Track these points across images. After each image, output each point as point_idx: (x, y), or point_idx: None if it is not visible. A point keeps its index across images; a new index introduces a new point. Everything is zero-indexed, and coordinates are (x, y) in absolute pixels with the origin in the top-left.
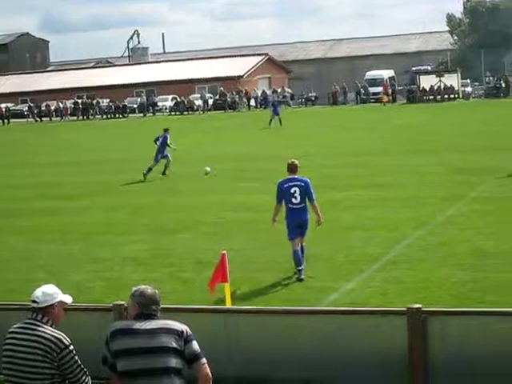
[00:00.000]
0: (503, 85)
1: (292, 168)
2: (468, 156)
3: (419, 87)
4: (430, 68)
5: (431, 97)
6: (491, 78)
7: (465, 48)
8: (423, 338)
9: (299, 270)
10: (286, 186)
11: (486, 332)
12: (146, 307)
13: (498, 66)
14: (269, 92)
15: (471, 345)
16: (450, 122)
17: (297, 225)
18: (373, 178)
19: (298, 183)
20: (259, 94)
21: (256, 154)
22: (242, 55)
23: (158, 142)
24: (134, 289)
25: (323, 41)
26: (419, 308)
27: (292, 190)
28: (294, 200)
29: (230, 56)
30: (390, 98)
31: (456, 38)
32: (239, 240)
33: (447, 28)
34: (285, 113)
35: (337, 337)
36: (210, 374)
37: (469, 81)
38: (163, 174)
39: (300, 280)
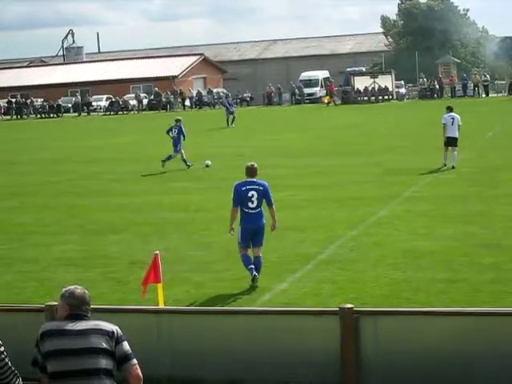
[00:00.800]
0: (437, 86)
1: (251, 171)
2: (401, 156)
3: (354, 88)
4: (364, 69)
5: (366, 98)
6: (425, 80)
7: (399, 49)
8: (355, 337)
9: (251, 268)
10: (243, 189)
11: (418, 331)
12: (77, 308)
13: (431, 67)
14: (204, 92)
15: (403, 344)
16: (384, 123)
17: (252, 231)
18: (307, 179)
19: (257, 187)
20: (194, 94)
21: (190, 154)
22: (177, 55)
23: (171, 133)
24: (64, 289)
25: (258, 41)
26: (351, 308)
27: (249, 194)
28: (250, 204)
29: (165, 56)
30: (334, 98)
31: (390, 39)
32: (173, 240)
33: (382, 29)
34: (220, 113)
35: (270, 337)
36: (140, 374)
37: (403, 82)
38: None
39: (254, 279)
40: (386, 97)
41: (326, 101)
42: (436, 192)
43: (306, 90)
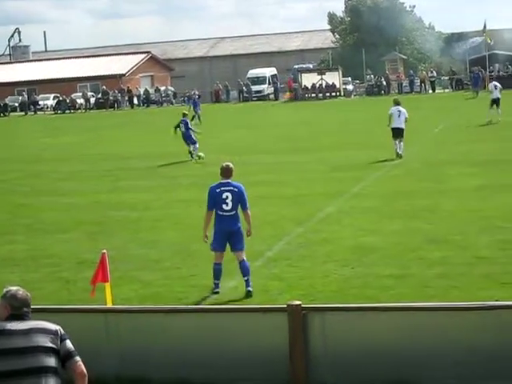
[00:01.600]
0: (384, 83)
1: (225, 172)
2: (349, 153)
3: (301, 85)
4: (311, 66)
5: (313, 95)
6: (372, 76)
7: (346, 46)
8: (304, 334)
9: (216, 284)
10: (217, 190)
11: (366, 327)
12: (18, 309)
13: (378, 64)
14: (151, 90)
15: (351, 340)
16: (331, 120)
17: (225, 234)
18: (254, 176)
19: (231, 188)
20: (142, 93)
21: (138, 152)
22: (124, 53)
23: (179, 129)
24: (5, 290)
25: (206, 39)
26: (299, 305)
27: (224, 196)
28: (224, 206)
29: (112, 54)
30: (293, 94)
31: (337, 36)
32: (121, 239)
33: (329, 26)
34: (167, 111)
35: (218, 335)
36: (85, 371)
37: (350, 79)
38: (193, 159)
39: (216, 293)
40: (333, 93)
41: (286, 97)
42: (384, 188)
43: (254, 88)
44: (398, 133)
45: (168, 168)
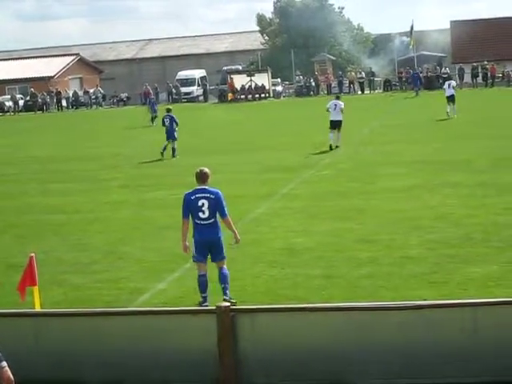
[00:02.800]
0: (313, 84)
1: (201, 177)
2: (279, 154)
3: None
4: (241, 67)
5: (243, 96)
6: (301, 77)
7: (275, 47)
8: (233, 335)
9: (204, 298)
10: (192, 197)
11: (296, 327)
12: None
13: (307, 65)
14: (80, 92)
15: (281, 341)
16: (260, 121)
17: (205, 244)
18: (185, 178)
19: (207, 195)
20: (71, 95)
21: (67, 155)
22: (53, 55)
23: (166, 124)
24: None
25: (135, 41)
26: (228, 306)
27: (199, 203)
28: (201, 215)
29: (41, 56)
30: (236, 95)
31: (267, 37)
32: (51, 242)
33: (258, 28)
34: (96, 113)
35: (149, 337)
36: (11, 376)
37: (279, 80)
38: (174, 156)
39: (203, 304)
40: (262, 95)
41: (229, 98)
42: (313, 188)
43: (183, 89)
44: (334, 124)
45: (98, 171)
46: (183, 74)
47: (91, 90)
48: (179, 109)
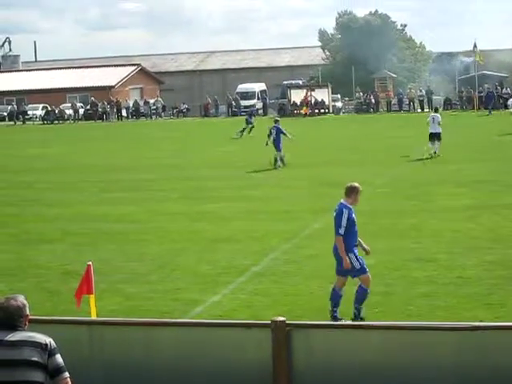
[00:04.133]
0: (373, 100)
1: (345, 190)
2: (338, 169)
3: (290, 101)
4: (301, 82)
5: (302, 111)
6: (361, 94)
7: (336, 63)
8: (288, 351)
9: (358, 309)
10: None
11: (350, 345)
12: (7, 319)
13: (368, 81)
14: (141, 103)
15: (335, 358)
16: (319, 136)
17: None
18: (242, 191)
19: (336, 208)
20: (131, 105)
21: (125, 164)
22: (114, 65)
23: (271, 136)
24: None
25: (195, 53)
26: (283, 321)
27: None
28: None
29: (102, 66)
30: (310, 110)
31: (328, 53)
32: (107, 251)
33: (319, 43)
34: (156, 124)
35: (201, 350)
36: None
37: (339, 96)
38: (275, 167)
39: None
40: (322, 110)
41: (303, 112)
42: (371, 206)
43: (243, 102)
44: (433, 136)
45: (154, 181)
46: (243, 87)
47: (151, 101)
48: (238, 122)
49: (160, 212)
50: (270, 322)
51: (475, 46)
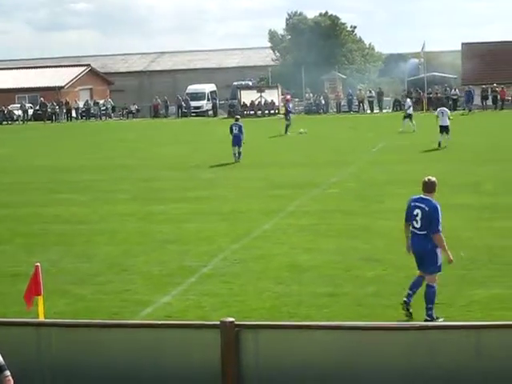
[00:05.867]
0: (323, 101)
1: (425, 186)
2: (287, 170)
3: (240, 102)
4: (251, 83)
5: (252, 112)
6: (311, 95)
7: (286, 64)
8: (236, 351)
9: (428, 308)
10: (412, 204)
11: (299, 345)
12: None
13: (317, 82)
14: (90, 103)
15: (284, 358)
16: (270, 137)
17: (415, 255)
18: (192, 192)
19: (423, 206)
20: (81, 106)
21: (75, 165)
22: (64, 66)
23: (234, 131)
24: None
25: (146, 53)
26: (232, 321)
27: (415, 212)
28: (415, 224)
29: (52, 66)
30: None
31: (278, 54)
32: (55, 252)
33: (269, 44)
34: (106, 124)
35: (150, 351)
36: None
37: (289, 97)
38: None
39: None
40: (272, 111)
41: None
42: (321, 206)
43: (193, 103)
44: (442, 129)
45: (103, 181)
46: (193, 87)
47: (101, 102)
48: (188, 122)
49: (110, 213)
50: (218, 322)
51: (423, 47)
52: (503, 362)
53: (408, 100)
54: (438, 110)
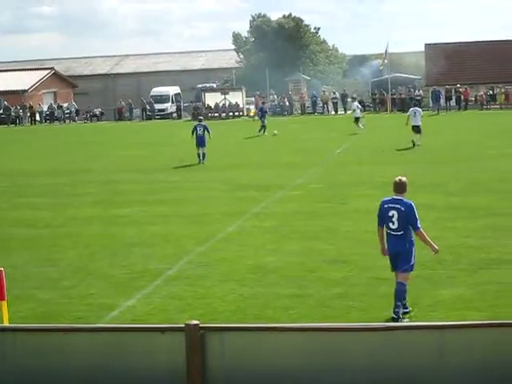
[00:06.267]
0: (287, 103)
1: (397, 186)
2: (251, 172)
3: (205, 104)
4: (215, 85)
5: (216, 114)
6: (275, 97)
7: (250, 66)
8: (201, 354)
9: (397, 306)
10: (385, 206)
11: (264, 347)
12: None
13: (282, 84)
14: (55, 107)
15: (250, 360)
16: (234, 139)
17: (391, 255)
18: (157, 195)
19: (398, 206)
20: (45, 109)
21: (38, 169)
22: (27, 69)
23: (199, 132)
24: None
25: (110, 56)
26: (197, 324)
27: (390, 213)
28: (391, 225)
29: (15, 70)
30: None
31: (242, 56)
32: (19, 256)
33: (233, 46)
34: (70, 128)
35: (115, 354)
36: None
37: (253, 99)
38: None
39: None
40: (236, 113)
41: (252, 114)
42: (285, 208)
43: (157, 106)
44: (416, 129)
45: (67, 185)
46: (157, 90)
47: (65, 105)
48: (152, 125)
49: (74, 216)
50: (183, 325)
51: (387, 49)
52: (466, 362)
53: (354, 103)
54: (411, 109)
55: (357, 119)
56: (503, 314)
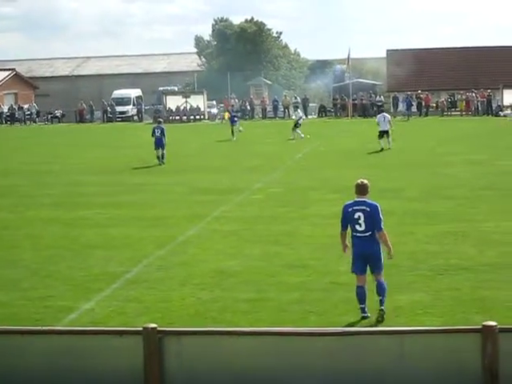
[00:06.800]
0: (248, 107)
1: (359, 189)
2: (211, 176)
3: (166, 107)
4: (176, 88)
5: (177, 117)
6: (236, 100)
7: (212, 70)
8: (159, 357)
9: (361, 308)
10: (350, 209)
11: (223, 351)
12: None
13: (243, 88)
14: (16, 107)
15: (208, 364)
16: (195, 143)
17: (362, 257)
18: (117, 197)
19: (364, 207)
20: (5, 110)
21: None
22: None
23: (156, 134)
24: None
25: (71, 58)
26: (155, 328)
27: (356, 216)
28: (358, 227)
29: None
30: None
31: (204, 59)
32: None
33: (195, 50)
34: (30, 129)
35: (73, 357)
36: None
37: (215, 102)
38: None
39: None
40: (197, 116)
41: (225, 117)
42: (245, 212)
43: (118, 108)
44: (382, 133)
45: (26, 187)
46: (118, 92)
47: (25, 106)
48: (113, 127)
49: (33, 218)
50: (141, 328)
51: (349, 54)
52: (425, 367)
53: (298, 111)
54: (379, 115)
55: (296, 125)
56: (461, 319)
